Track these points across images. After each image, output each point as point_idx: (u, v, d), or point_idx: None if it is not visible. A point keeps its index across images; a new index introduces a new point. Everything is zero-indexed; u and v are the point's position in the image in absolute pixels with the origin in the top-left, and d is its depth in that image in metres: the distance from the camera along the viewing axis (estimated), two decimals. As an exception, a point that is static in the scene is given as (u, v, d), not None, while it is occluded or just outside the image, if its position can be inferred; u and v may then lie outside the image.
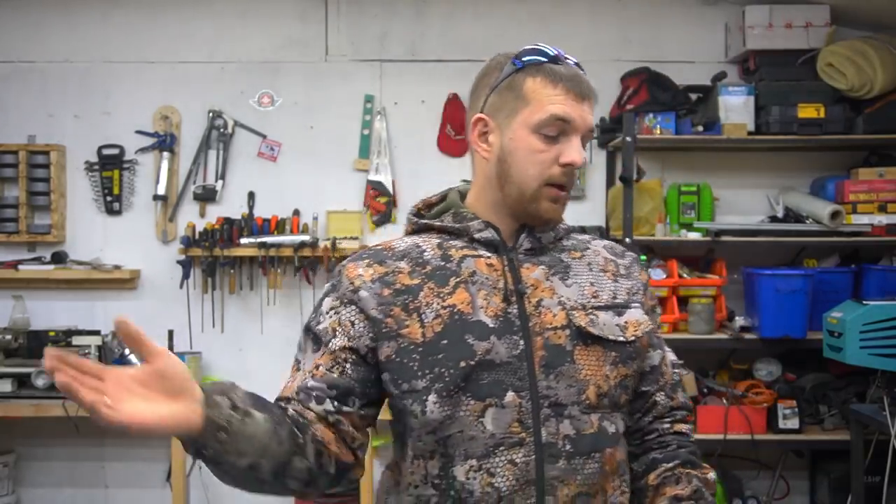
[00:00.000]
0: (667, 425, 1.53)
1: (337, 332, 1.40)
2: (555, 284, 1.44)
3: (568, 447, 1.37)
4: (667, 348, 1.57)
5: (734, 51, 4.19)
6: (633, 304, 1.48)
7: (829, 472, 3.96)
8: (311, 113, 4.32)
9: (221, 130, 4.29)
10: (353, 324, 1.40)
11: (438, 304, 1.39)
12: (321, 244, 4.14)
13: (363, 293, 1.41)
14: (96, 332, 4.09)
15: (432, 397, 1.35)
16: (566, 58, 1.44)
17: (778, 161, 4.24)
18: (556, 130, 1.40)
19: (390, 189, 4.26)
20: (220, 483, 1.31)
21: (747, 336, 3.88)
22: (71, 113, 4.32)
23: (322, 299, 1.47)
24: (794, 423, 3.85)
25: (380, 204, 4.27)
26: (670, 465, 1.49)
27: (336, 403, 1.38)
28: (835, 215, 3.84)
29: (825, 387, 3.94)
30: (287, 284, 4.24)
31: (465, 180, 1.57)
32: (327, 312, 1.43)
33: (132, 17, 4.31)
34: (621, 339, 1.43)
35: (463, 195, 1.53)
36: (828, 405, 3.92)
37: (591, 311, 1.43)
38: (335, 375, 1.39)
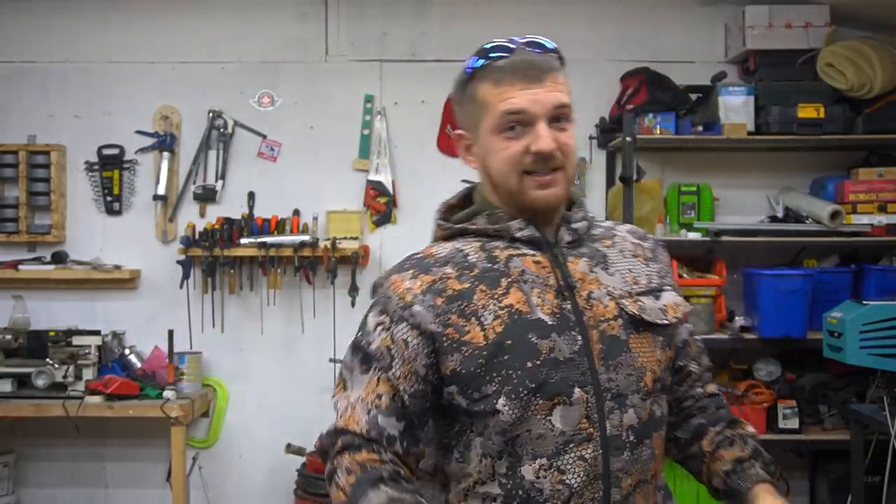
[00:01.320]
0: (699, 390, 1.57)
1: (394, 355, 1.38)
2: (599, 275, 1.44)
3: (631, 438, 1.38)
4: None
5: (734, 51, 4.19)
6: (665, 287, 1.50)
7: (829, 472, 3.96)
8: (311, 113, 4.32)
9: (221, 130, 4.29)
10: (406, 343, 1.38)
11: (495, 305, 1.37)
12: (321, 244, 4.14)
13: (416, 307, 1.38)
14: (96, 332, 4.09)
15: (502, 400, 1.34)
16: (517, 45, 1.41)
17: (778, 161, 4.24)
18: (514, 125, 1.39)
19: (390, 189, 4.26)
20: (220, 483, 1.32)
21: (747, 336, 3.88)
22: (71, 113, 4.32)
23: (367, 316, 1.44)
24: (793, 423, 3.85)
25: (380, 204, 4.27)
26: (717, 428, 1.53)
27: (405, 444, 1.39)
28: (835, 215, 3.84)
29: (825, 387, 3.94)
30: (287, 284, 4.24)
31: (465, 180, 1.57)
32: (375, 330, 1.40)
33: (132, 18, 4.31)
34: (664, 322, 1.45)
35: (483, 195, 1.52)
36: (828, 405, 3.92)
37: (636, 297, 1.44)
38: (398, 406, 1.37)
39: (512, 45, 1.41)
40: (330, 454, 1.40)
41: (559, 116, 1.41)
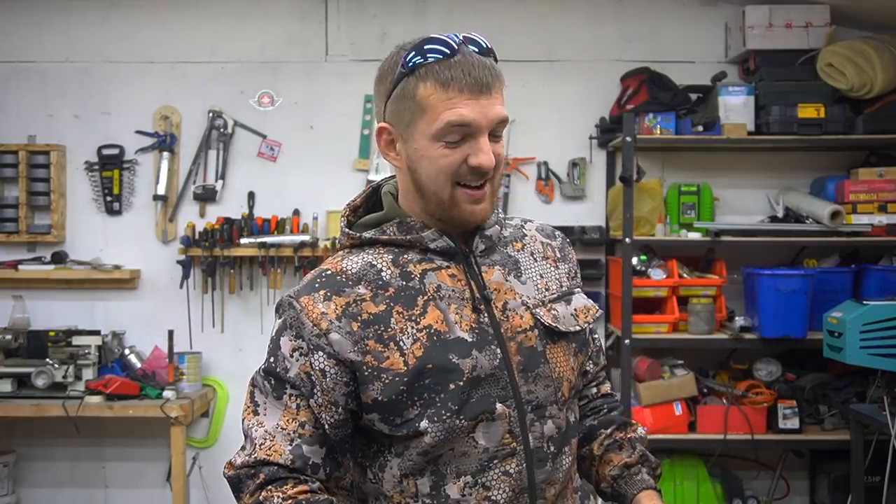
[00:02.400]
0: (594, 389, 1.60)
1: (314, 382, 1.32)
2: (513, 284, 1.40)
3: (552, 448, 1.38)
4: None
5: (734, 51, 4.19)
6: (575, 289, 1.48)
7: (829, 472, 3.96)
8: (311, 113, 4.32)
9: (221, 130, 4.29)
10: (324, 373, 1.32)
11: (413, 327, 1.32)
12: (321, 244, 4.14)
13: (333, 335, 1.31)
14: (96, 332, 4.09)
15: (425, 423, 1.30)
16: (458, 42, 1.31)
17: (778, 161, 4.24)
18: (457, 135, 1.30)
19: (390, 189, 4.25)
20: (220, 483, 1.32)
21: (747, 336, 3.88)
22: (71, 113, 4.32)
23: (278, 339, 1.35)
24: (794, 423, 3.85)
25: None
26: (608, 430, 1.54)
27: (328, 470, 1.36)
28: (835, 215, 3.84)
29: (825, 387, 3.94)
30: (287, 284, 4.24)
31: (391, 177, 1.49)
32: (291, 356, 1.33)
33: (132, 18, 4.31)
34: (576, 328, 1.43)
35: (395, 195, 1.44)
36: (828, 405, 3.92)
37: (549, 305, 1.41)
38: (321, 433, 1.34)
39: (454, 43, 1.30)
40: (248, 487, 1.34)
41: (497, 129, 1.34)
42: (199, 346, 4.26)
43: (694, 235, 3.98)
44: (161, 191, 4.27)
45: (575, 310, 1.44)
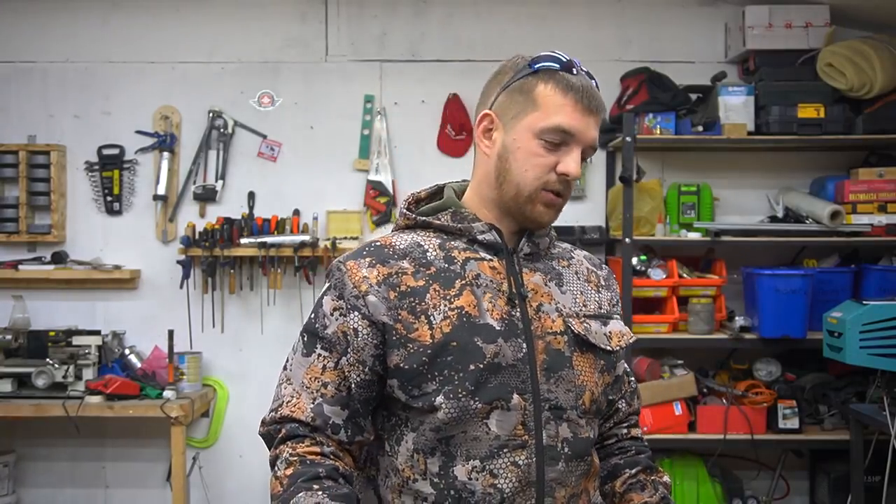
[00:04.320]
0: (624, 430, 1.61)
1: (349, 342, 1.39)
2: (552, 291, 1.46)
3: (566, 450, 1.40)
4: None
5: (734, 51, 4.19)
6: (614, 315, 1.54)
7: (829, 472, 3.96)
8: (311, 113, 4.32)
9: (221, 130, 4.29)
10: (357, 332, 1.38)
11: (446, 305, 1.38)
12: (321, 244, 4.14)
13: (371, 297, 1.38)
14: (96, 332, 4.09)
15: (440, 398, 1.35)
16: (581, 68, 1.44)
17: (778, 161, 4.24)
18: (558, 139, 1.40)
19: (390, 189, 4.26)
20: (219, 483, 1.33)
21: (747, 336, 3.88)
22: (71, 113, 4.32)
23: (321, 299, 1.44)
24: (793, 423, 3.85)
25: (380, 204, 4.27)
26: (633, 471, 1.56)
27: (349, 433, 1.41)
28: (835, 215, 3.84)
29: (825, 387, 3.94)
30: (287, 284, 4.25)
31: (466, 180, 1.57)
32: (331, 314, 1.41)
33: (132, 18, 4.31)
34: (608, 348, 1.48)
35: (458, 193, 1.52)
36: (828, 405, 3.92)
37: (583, 319, 1.46)
38: (344, 395, 1.39)
39: (574, 64, 1.43)
40: (274, 441, 1.42)
41: (587, 153, 1.44)
42: (199, 346, 4.26)
43: (694, 235, 3.98)
44: (161, 191, 4.27)
45: (610, 332, 1.49)
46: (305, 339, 1.43)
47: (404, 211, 1.51)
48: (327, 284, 1.44)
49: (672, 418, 3.86)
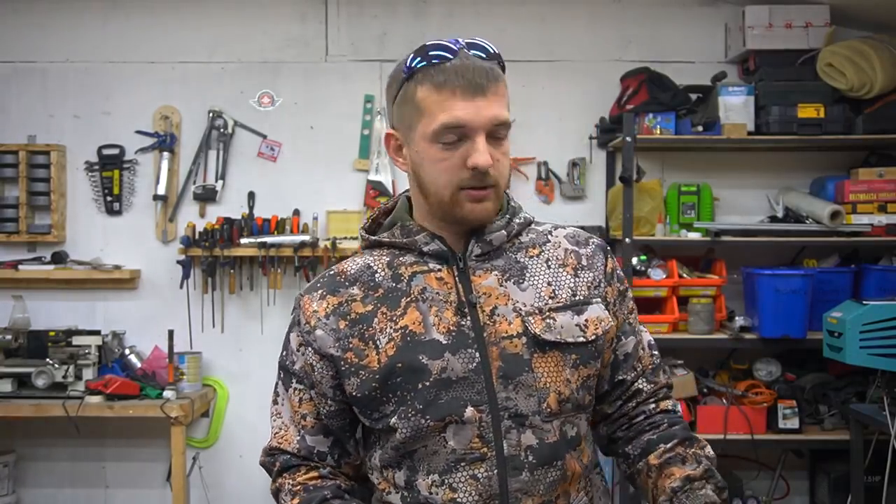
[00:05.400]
0: (652, 406, 1.51)
1: (311, 376, 1.42)
2: (509, 290, 1.39)
3: (531, 458, 1.34)
4: (642, 329, 1.55)
5: (734, 51, 4.19)
6: (593, 300, 1.43)
7: (829, 472, 3.96)
8: (311, 113, 4.32)
9: (221, 130, 4.29)
10: (313, 367, 1.41)
11: (391, 328, 1.36)
12: (321, 244, 4.14)
13: (318, 332, 1.40)
14: (96, 332, 4.09)
15: (395, 419, 1.35)
16: (458, 47, 1.34)
17: (778, 161, 4.24)
18: (453, 136, 1.33)
19: (390, 189, 4.26)
20: (219, 483, 1.35)
21: (747, 336, 3.88)
22: (71, 113, 4.32)
23: (288, 334, 1.46)
24: (793, 423, 3.85)
25: (380, 204, 4.27)
26: (669, 444, 1.45)
27: (336, 457, 1.46)
28: (835, 215, 3.84)
29: (825, 387, 3.94)
30: (287, 284, 4.25)
31: None
32: (297, 350, 1.44)
33: (132, 18, 4.31)
34: (581, 339, 1.39)
35: (402, 204, 1.50)
36: (828, 405, 3.92)
37: (547, 314, 1.38)
38: (322, 424, 1.44)
39: (454, 47, 1.33)
40: (271, 474, 1.47)
41: (497, 131, 1.35)
42: (199, 346, 4.26)
43: (694, 235, 3.98)
44: (161, 191, 4.27)
45: (586, 321, 1.40)
46: (282, 375, 1.47)
47: (360, 232, 1.51)
48: (292, 317, 1.47)
49: (672, 418, 3.85)
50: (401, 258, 1.42)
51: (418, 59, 1.34)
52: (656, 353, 1.55)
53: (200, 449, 4.30)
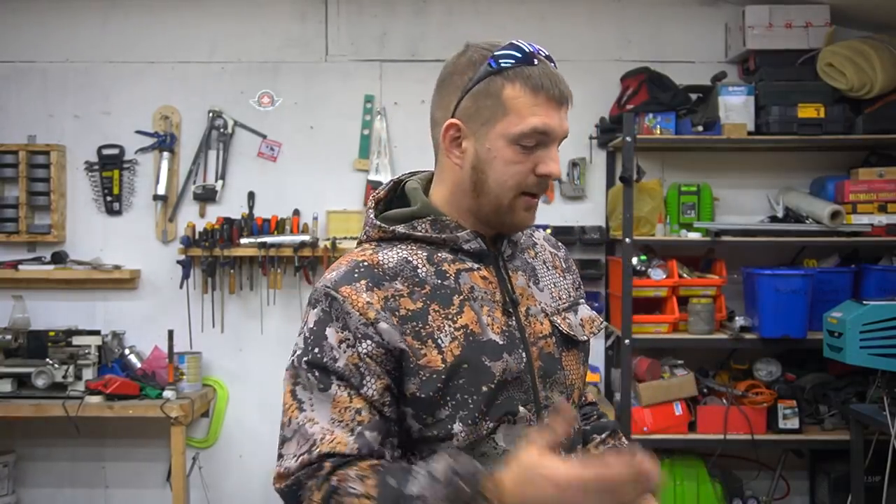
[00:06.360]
0: (581, 398, 1.59)
1: (363, 373, 1.28)
2: (533, 291, 1.43)
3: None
4: None
5: (734, 51, 4.19)
6: (580, 300, 1.52)
7: (829, 472, 3.96)
8: (311, 113, 4.32)
9: (221, 130, 4.29)
10: (372, 359, 1.29)
11: (450, 326, 1.32)
12: (321, 244, 4.14)
13: (382, 325, 1.29)
14: (96, 332, 4.09)
15: (458, 425, 1.30)
16: (540, 52, 1.35)
17: (778, 161, 4.24)
18: (534, 141, 1.33)
19: (390, 189, 4.25)
20: (219, 483, 1.31)
21: (747, 336, 3.88)
22: (71, 113, 4.32)
23: (321, 330, 1.31)
24: (794, 423, 3.85)
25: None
26: (602, 436, 1.57)
27: (390, 455, 1.31)
28: (835, 215, 3.84)
29: (825, 387, 3.94)
30: (287, 284, 4.24)
31: (416, 172, 1.50)
32: (339, 346, 1.29)
33: (132, 18, 4.31)
34: (584, 338, 1.47)
35: (422, 191, 1.44)
36: (828, 405, 3.92)
37: (563, 314, 1.45)
38: (377, 418, 1.29)
39: (534, 53, 1.34)
40: (314, 483, 1.25)
41: (559, 143, 1.39)
42: (199, 346, 4.26)
43: (694, 235, 3.98)
44: (161, 191, 4.27)
45: (581, 320, 1.48)
46: (317, 374, 1.30)
47: (376, 222, 1.41)
48: (319, 312, 1.32)
49: (672, 418, 3.86)
50: (437, 254, 1.37)
51: (507, 55, 1.32)
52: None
53: (200, 449, 4.30)
